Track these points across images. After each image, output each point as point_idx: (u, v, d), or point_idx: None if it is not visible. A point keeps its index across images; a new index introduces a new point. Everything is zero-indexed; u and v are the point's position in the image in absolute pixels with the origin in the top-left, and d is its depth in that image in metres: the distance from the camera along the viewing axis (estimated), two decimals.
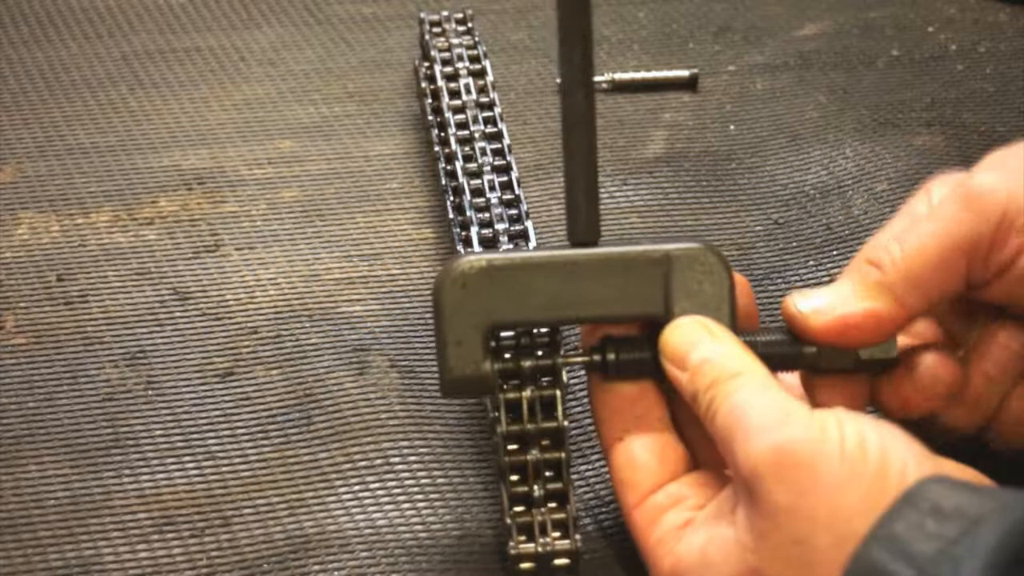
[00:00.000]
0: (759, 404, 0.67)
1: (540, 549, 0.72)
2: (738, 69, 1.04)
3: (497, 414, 0.73)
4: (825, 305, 0.73)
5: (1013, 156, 0.73)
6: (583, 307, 0.72)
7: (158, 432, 0.80)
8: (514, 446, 0.73)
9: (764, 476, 0.65)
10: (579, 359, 0.73)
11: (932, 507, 0.62)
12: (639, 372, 0.72)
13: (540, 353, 0.73)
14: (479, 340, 0.71)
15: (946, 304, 0.76)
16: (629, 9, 1.09)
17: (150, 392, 0.83)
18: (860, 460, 0.64)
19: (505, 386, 0.73)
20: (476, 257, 0.72)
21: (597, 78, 1.01)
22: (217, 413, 0.82)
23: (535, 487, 0.73)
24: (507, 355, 0.73)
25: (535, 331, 0.74)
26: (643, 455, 0.73)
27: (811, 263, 0.90)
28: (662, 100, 1.01)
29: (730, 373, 0.69)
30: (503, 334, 0.73)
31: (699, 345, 0.70)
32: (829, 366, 0.73)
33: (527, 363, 0.73)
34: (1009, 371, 0.75)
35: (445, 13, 1.00)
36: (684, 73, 1.02)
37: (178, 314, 0.87)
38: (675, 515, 0.71)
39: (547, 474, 0.73)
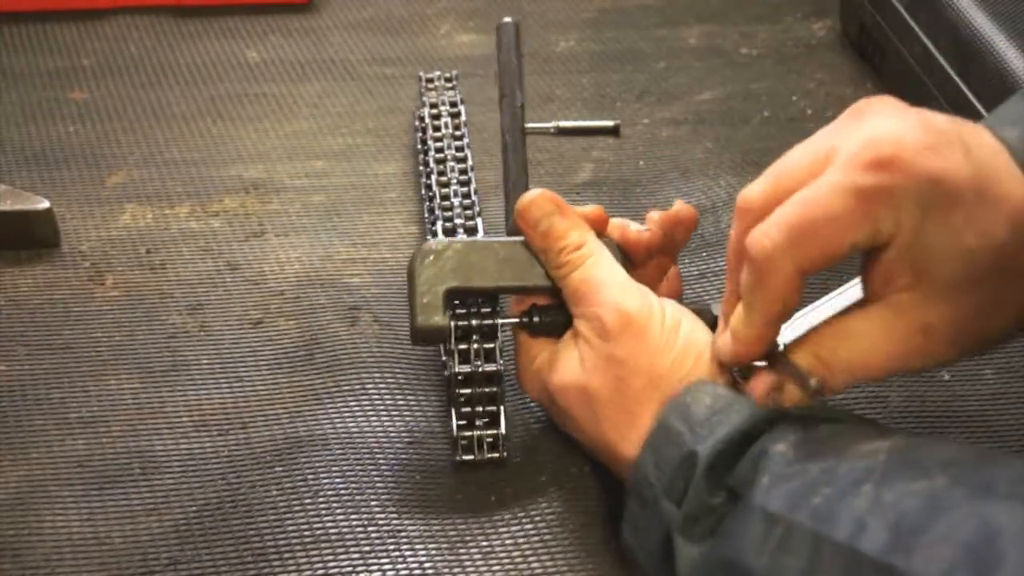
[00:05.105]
0: (606, 279, 0.69)
1: (477, 458, 0.73)
2: (651, 122, 1.04)
3: (450, 360, 0.72)
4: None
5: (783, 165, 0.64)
6: (513, 278, 0.72)
7: (204, 361, 0.81)
8: (462, 383, 0.73)
9: (613, 334, 0.67)
10: (513, 320, 0.73)
11: (711, 391, 0.64)
12: (554, 331, 0.72)
13: (484, 313, 0.73)
14: (440, 300, 0.71)
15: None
16: (576, 76, 1.09)
17: (202, 333, 0.83)
18: (673, 336, 0.67)
19: (457, 337, 0.72)
20: (440, 240, 0.73)
21: (545, 124, 1.01)
22: (247, 350, 0.82)
23: (477, 411, 0.73)
24: (460, 313, 0.72)
25: (480, 303, 0.73)
26: None
27: (686, 261, 0.89)
28: (593, 142, 1.01)
29: (575, 244, 0.70)
30: (458, 312, 0.72)
31: (549, 216, 0.71)
32: None
33: (474, 321, 0.72)
34: None
35: (437, 73, 1.01)
36: (610, 123, 1.01)
37: (228, 280, 0.87)
38: None
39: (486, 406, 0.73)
